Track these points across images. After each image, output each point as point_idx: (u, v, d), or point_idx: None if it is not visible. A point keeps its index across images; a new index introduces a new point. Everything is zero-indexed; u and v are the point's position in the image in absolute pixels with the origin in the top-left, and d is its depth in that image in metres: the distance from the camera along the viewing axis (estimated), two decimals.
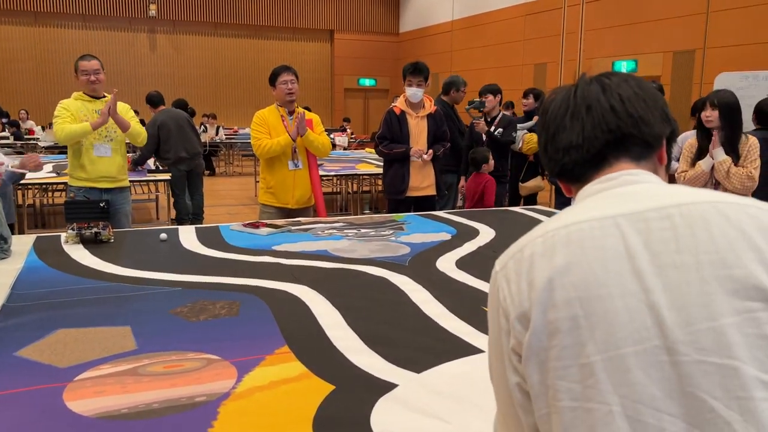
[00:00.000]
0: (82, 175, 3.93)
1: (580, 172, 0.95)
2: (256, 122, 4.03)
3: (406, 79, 4.37)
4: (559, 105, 0.96)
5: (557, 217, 0.89)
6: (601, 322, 0.77)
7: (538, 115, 1.01)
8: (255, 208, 8.72)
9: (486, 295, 2.23)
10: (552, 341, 0.79)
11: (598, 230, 0.82)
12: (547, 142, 0.98)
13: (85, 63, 3.91)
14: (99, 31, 16.75)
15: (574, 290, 0.79)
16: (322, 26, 18.83)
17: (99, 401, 1.44)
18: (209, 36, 17.91)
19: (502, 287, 0.87)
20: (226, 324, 1.95)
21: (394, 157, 4.43)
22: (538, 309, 0.80)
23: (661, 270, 0.78)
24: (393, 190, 4.50)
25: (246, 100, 18.33)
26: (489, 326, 0.92)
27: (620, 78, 0.95)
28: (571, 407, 0.77)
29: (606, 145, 0.92)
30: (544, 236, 0.86)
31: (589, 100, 0.93)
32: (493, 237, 3.24)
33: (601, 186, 0.91)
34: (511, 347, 0.84)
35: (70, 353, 1.72)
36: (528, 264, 0.84)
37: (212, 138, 13.07)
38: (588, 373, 0.77)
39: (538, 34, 13.43)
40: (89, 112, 3.89)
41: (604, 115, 0.92)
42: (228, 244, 3.05)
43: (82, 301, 2.16)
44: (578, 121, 0.93)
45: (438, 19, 17.14)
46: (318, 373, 1.60)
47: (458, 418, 1.38)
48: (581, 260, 0.81)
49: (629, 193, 0.88)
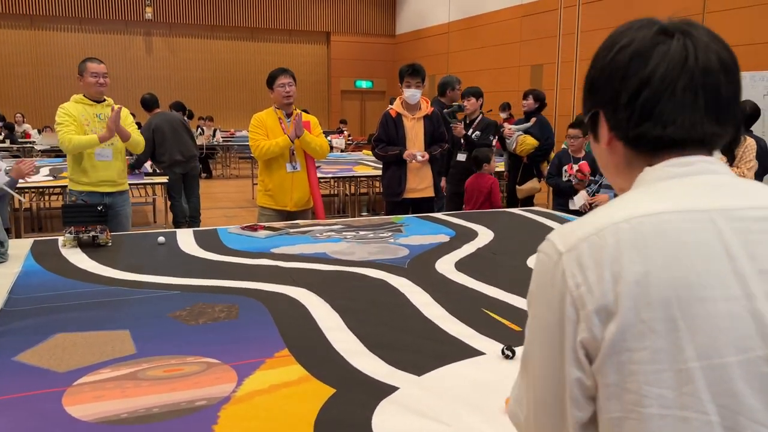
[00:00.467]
0: (83, 180, 3.92)
1: (658, 147, 0.83)
2: (254, 124, 4.03)
3: (404, 81, 4.37)
4: (674, 64, 0.80)
5: (632, 201, 0.79)
6: (702, 327, 0.71)
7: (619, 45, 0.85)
8: (252, 211, 8.72)
9: (485, 296, 2.25)
10: (642, 342, 0.72)
11: (691, 224, 0.75)
12: (637, 99, 0.81)
13: (94, 65, 3.90)
14: (95, 35, 16.72)
15: (672, 289, 0.72)
16: (319, 28, 18.83)
17: (98, 406, 1.44)
18: (205, 38, 17.90)
19: (573, 272, 0.76)
20: (225, 327, 1.95)
21: (389, 159, 4.44)
22: (627, 305, 0.72)
23: (762, 276, 0.73)
24: (390, 192, 4.50)
25: (243, 102, 18.32)
26: (535, 310, 0.83)
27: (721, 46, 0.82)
28: (661, 415, 0.71)
29: (710, 136, 0.82)
30: (630, 222, 0.76)
31: (710, 75, 0.80)
32: (491, 239, 3.24)
33: (674, 170, 0.81)
34: (580, 340, 0.75)
35: (69, 358, 1.71)
36: (613, 252, 0.74)
37: (209, 140, 13.06)
38: (685, 379, 0.71)
39: (534, 36, 13.44)
40: (90, 117, 3.88)
41: (718, 100, 0.81)
42: (226, 247, 3.04)
43: (80, 305, 2.15)
44: (691, 95, 0.80)
45: (434, 20, 17.16)
46: (318, 377, 1.59)
47: (460, 421, 1.37)
48: (680, 256, 0.73)
49: (713, 184, 0.80)
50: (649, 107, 0.81)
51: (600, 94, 0.87)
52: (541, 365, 0.82)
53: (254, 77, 18.28)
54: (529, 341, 0.84)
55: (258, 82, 18.22)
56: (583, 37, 12.17)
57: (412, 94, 4.36)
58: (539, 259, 0.83)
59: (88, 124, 3.87)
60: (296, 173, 4.04)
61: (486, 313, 2.09)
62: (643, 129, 0.82)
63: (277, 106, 4.06)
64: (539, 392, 0.82)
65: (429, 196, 4.53)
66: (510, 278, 2.50)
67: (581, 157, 5.06)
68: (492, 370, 1.65)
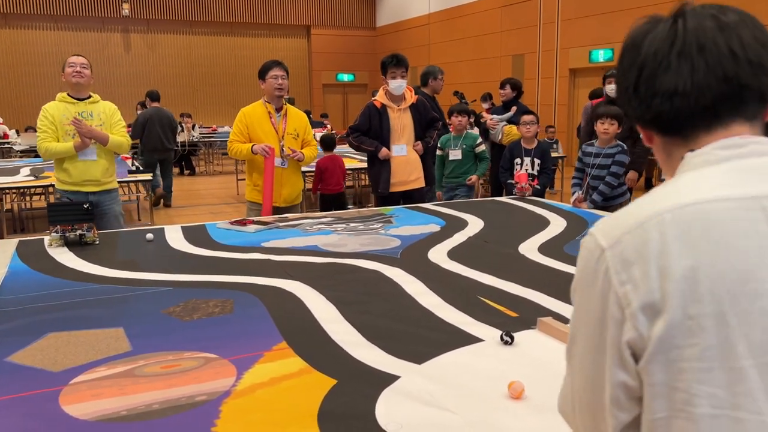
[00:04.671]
0: (66, 179, 3.87)
1: (683, 124, 0.80)
2: (237, 120, 3.99)
3: (389, 72, 4.31)
4: (663, 38, 0.80)
5: (675, 189, 0.76)
6: (757, 322, 0.67)
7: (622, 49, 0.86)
8: (238, 207, 8.66)
9: (480, 284, 2.25)
10: (691, 339, 0.68)
11: (741, 212, 0.71)
12: (639, 82, 0.82)
13: (73, 58, 3.89)
14: (71, 32, 16.47)
15: (723, 283, 0.68)
16: (299, 22, 18.71)
17: (97, 404, 1.41)
18: (184, 34, 17.70)
19: (616, 269, 0.73)
20: (221, 322, 1.93)
21: (363, 150, 4.42)
22: (675, 301, 0.69)
23: None
24: (376, 187, 4.47)
25: (223, 97, 18.18)
26: (578, 307, 0.80)
27: (737, 16, 0.80)
28: (713, 414, 0.68)
29: (719, 97, 0.78)
30: (674, 213, 0.72)
31: (703, 38, 0.78)
32: (482, 227, 3.24)
33: (723, 153, 0.77)
34: (626, 340, 0.72)
35: (63, 357, 1.68)
36: (658, 245, 0.71)
37: (191, 137, 12.92)
38: (738, 378, 0.67)
39: (515, 26, 13.47)
40: (72, 115, 3.81)
41: (721, 59, 0.77)
42: (216, 242, 3.01)
43: (70, 303, 2.11)
44: (687, 62, 0.78)
45: (414, 12, 17.12)
46: (319, 368, 1.58)
47: (463, 408, 1.37)
48: (730, 248, 0.69)
49: (765, 168, 0.75)
50: (651, 85, 0.81)
51: (621, 97, 0.87)
52: (582, 365, 0.80)
53: (234, 72, 18.16)
54: (571, 337, 0.82)
55: (238, 77, 18.21)
56: (563, 26, 12.21)
57: (399, 85, 4.32)
58: (581, 254, 0.80)
59: (69, 124, 3.80)
60: (285, 169, 4.01)
61: (482, 300, 2.09)
62: (653, 107, 0.81)
63: (268, 98, 4.00)
64: (581, 390, 0.80)
65: (420, 187, 4.50)
66: (503, 265, 2.50)
67: (533, 147, 5.05)
68: (492, 356, 1.64)
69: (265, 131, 3.95)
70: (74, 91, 3.87)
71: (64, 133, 3.81)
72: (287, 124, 4.03)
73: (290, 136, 4.03)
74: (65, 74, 3.84)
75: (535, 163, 5.04)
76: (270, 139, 3.95)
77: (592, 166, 4.12)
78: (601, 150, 4.06)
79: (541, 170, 5.03)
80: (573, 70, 12.09)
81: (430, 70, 5.73)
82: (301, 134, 4.10)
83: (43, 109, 3.82)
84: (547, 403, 1.37)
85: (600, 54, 11.37)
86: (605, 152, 4.02)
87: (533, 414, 1.34)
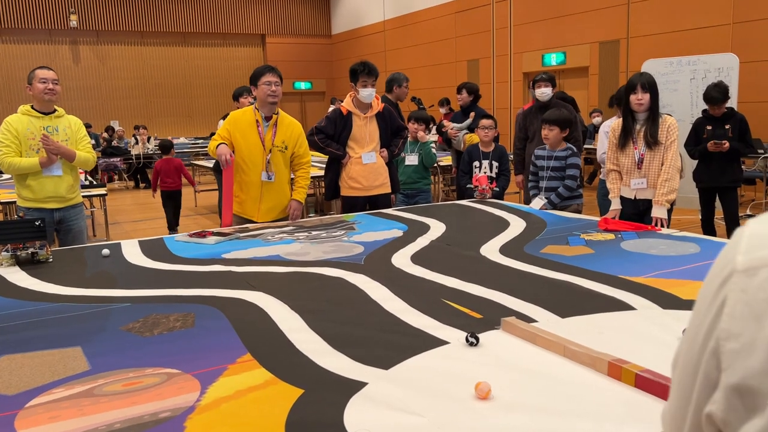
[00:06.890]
0: (29, 195, 3.73)
1: None
2: (225, 122, 3.80)
3: (360, 80, 4.22)
4: None
5: None
6: None
7: None
8: (196, 219, 8.52)
9: (444, 287, 2.26)
10: None
11: None
12: None
13: (44, 72, 3.76)
14: (16, 45, 15.97)
15: None
16: (253, 30, 18.57)
17: (55, 427, 1.36)
18: (135, 45, 17.38)
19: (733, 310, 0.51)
20: (182, 336, 1.89)
21: (328, 152, 4.36)
22: None
23: None
24: (330, 193, 4.43)
25: (178, 109, 17.90)
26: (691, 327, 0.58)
27: None
28: None
29: None
30: None
31: None
32: (444, 230, 3.26)
33: None
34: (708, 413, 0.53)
35: (18, 380, 1.62)
36: None
37: (146, 149, 12.68)
38: None
39: (468, 31, 13.65)
40: (36, 130, 3.69)
41: None
42: (174, 255, 2.96)
43: (24, 324, 2.04)
44: None
45: (370, 19, 17.19)
46: (284, 378, 1.56)
47: (431, 411, 1.37)
48: None
49: None
50: None
51: None
52: (674, 385, 0.62)
53: (188, 83, 17.92)
54: (678, 348, 0.62)
55: (192, 88, 17.97)
56: (516, 31, 12.43)
57: (369, 94, 4.25)
58: (714, 264, 0.57)
59: (34, 138, 3.68)
60: (269, 183, 3.75)
61: (446, 303, 2.10)
62: None
63: (259, 105, 3.79)
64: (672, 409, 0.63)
65: (386, 192, 4.47)
66: (465, 267, 2.52)
67: (491, 150, 5.12)
68: (458, 358, 1.65)
69: (249, 142, 3.70)
70: (40, 105, 3.75)
71: (27, 148, 3.68)
72: (276, 135, 3.75)
73: (277, 149, 3.75)
74: (34, 88, 3.71)
75: (494, 165, 5.10)
76: (253, 150, 3.71)
77: (546, 168, 4.20)
78: (552, 152, 4.14)
79: (500, 173, 5.09)
80: (527, 73, 12.31)
81: (395, 77, 5.73)
82: (290, 147, 3.81)
83: (6, 122, 3.68)
84: (513, 403, 1.38)
85: (552, 57, 11.61)
86: (556, 155, 4.10)
87: (500, 414, 1.35)
